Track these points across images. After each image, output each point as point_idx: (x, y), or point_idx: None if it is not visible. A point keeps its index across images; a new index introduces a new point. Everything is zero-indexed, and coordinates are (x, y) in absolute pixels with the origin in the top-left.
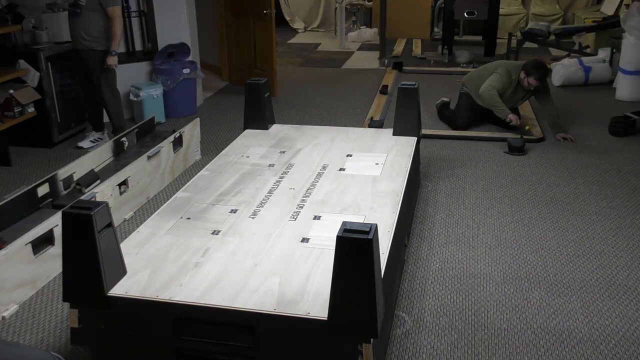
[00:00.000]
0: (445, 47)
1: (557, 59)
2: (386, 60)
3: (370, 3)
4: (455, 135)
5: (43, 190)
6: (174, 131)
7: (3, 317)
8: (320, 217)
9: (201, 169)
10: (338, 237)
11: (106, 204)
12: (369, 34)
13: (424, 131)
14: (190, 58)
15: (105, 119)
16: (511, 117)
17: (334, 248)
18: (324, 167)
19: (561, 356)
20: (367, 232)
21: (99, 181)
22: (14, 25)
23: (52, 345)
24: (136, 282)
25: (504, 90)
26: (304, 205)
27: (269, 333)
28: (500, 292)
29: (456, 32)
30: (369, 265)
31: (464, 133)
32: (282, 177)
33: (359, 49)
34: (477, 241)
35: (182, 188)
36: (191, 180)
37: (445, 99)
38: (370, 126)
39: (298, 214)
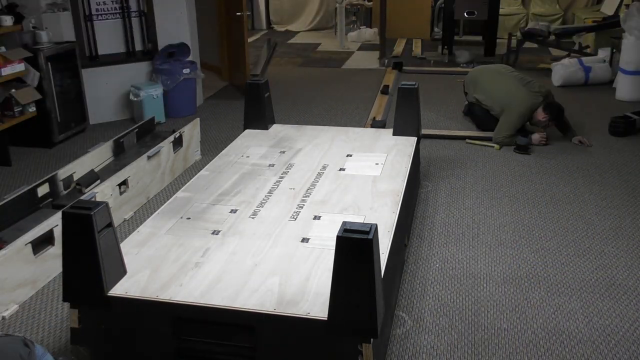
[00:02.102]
0: (445, 47)
1: (557, 59)
2: (386, 60)
3: (370, 3)
4: (455, 136)
5: (43, 190)
6: (174, 131)
7: (3, 317)
8: (320, 217)
9: (201, 169)
10: (338, 237)
11: (106, 204)
12: (369, 34)
13: (424, 131)
14: (190, 58)
15: None
16: (534, 139)
17: (334, 248)
18: (324, 167)
19: (561, 356)
20: (367, 232)
21: (99, 181)
22: (14, 25)
23: (52, 345)
24: (136, 282)
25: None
26: (304, 205)
27: (269, 333)
28: (500, 292)
29: (456, 32)
30: (369, 265)
31: (464, 133)
32: (282, 177)
33: (359, 49)
34: (477, 241)
35: (182, 188)
36: (191, 180)
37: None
38: (372, 126)
39: (298, 214)
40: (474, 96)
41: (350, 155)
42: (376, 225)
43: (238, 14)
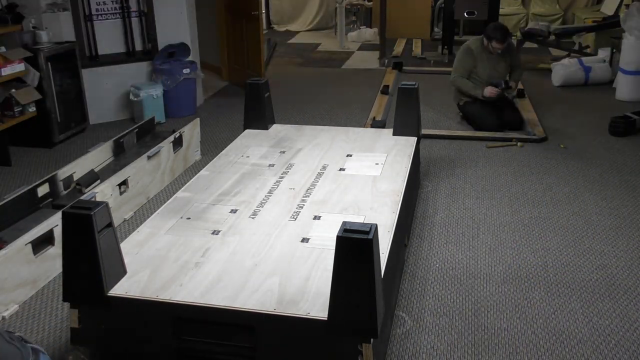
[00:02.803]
0: (445, 47)
1: (557, 59)
2: (386, 60)
3: (370, 3)
4: (455, 136)
5: (43, 190)
6: (174, 131)
7: (3, 317)
8: (320, 217)
9: (201, 169)
10: (338, 237)
11: (106, 204)
12: (369, 34)
13: (424, 131)
14: (190, 58)
15: None
16: (487, 92)
17: (334, 248)
18: (324, 167)
19: (561, 356)
20: (367, 232)
21: (99, 181)
22: (14, 25)
23: (52, 345)
24: (136, 282)
25: (471, 67)
26: (304, 205)
27: (269, 333)
28: (500, 292)
29: (456, 32)
30: (369, 265)
31: (465, 133)
32: (282, 177)
33: (359, 49)
34: (477, 241)
35: (182, 188)
36: (191, 180)
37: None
38: (372, 126)
39: (298, 214)
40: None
41: (350, 155)
42: (376, 225)
43: (254, 13)
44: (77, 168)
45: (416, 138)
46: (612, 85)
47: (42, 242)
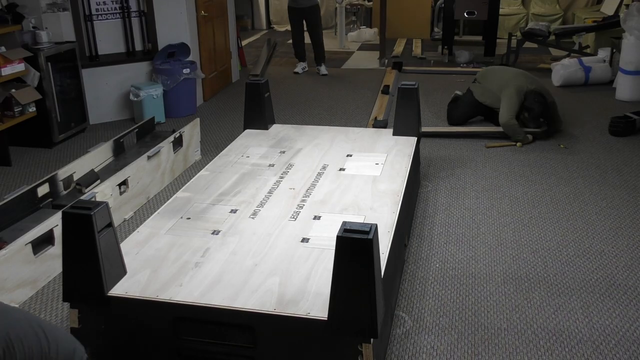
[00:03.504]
0: (445, 47)
1: (557, 59)
2: (386, 60)
3: (370, 3)
4: (455, 133)
5: (43, 190)
6: (174, 131)
7: None
8: (320, 217)
9: (201, 169)
10: (338, 237)
11: (106, 204)
12: (369, 34)
13: (424, 128)
14: (190, 58)
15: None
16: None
17: (334, 248)
18: (324, 167)
19: (561, 356)
20: (367, 232)
21: (99, 181)
22: (14, 25)
23: None
24: (136, 282)
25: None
26: (304, 205)
27: (269, 333)
28: (500, 292)
29: (456, 32)
30: (369, 265)
31: (464, 129)
32: (282, 177)
33: (359, 49)
34: (477, 241)
35: (182, 188)
36: (191, 180)
37: (458, 93)
38: (374, 126)
39: (298, 214)
40: (480, 98)
41: (350, 155)
42: (376, 225)
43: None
44: (77, 168)
45: (416, 138)
46: (612, 85)
47: (42, 242)
